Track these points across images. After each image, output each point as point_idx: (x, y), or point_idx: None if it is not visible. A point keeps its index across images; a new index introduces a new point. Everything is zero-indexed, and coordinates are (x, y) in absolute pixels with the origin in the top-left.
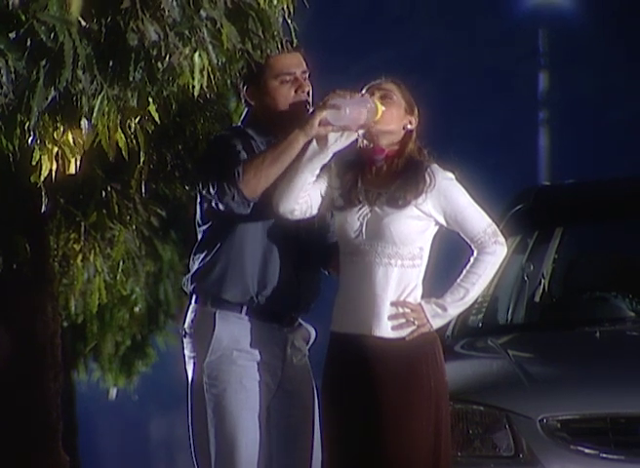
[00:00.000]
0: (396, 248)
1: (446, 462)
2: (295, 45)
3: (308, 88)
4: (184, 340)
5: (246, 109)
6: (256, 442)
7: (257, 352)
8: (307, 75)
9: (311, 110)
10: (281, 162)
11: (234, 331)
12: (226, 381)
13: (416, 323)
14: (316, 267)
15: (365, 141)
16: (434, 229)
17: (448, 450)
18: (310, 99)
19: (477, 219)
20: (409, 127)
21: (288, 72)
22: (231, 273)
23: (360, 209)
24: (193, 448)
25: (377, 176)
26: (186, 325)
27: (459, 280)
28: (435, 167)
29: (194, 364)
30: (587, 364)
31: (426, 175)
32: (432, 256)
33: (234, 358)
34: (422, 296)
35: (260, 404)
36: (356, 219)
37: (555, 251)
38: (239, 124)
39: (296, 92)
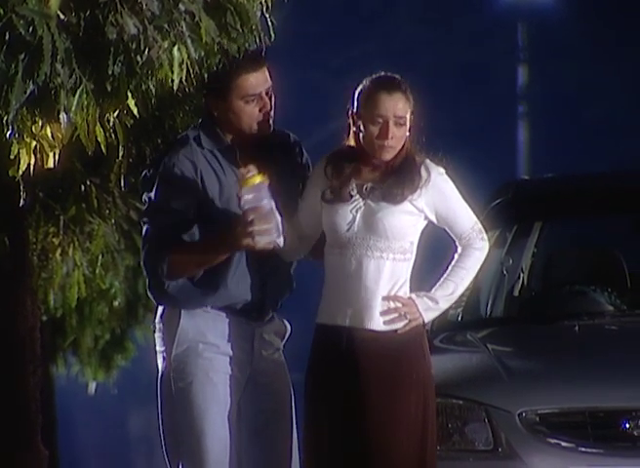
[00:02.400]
0: (388, 242)
1: (432, 454)
2: (259, 57)
3: (271, 106)
4: (155, 335)
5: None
6: (224, 435)
7: (223, 345)
8: (271, 89)
9: (238, 229)
10: (202, 267)
11: (200, 324)
12: (193, 374)
13: (408, 316)
14: (284, 267)
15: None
16: (423, 223)
17: (434, 443)
18: (273, 113)
19: (466, 217)
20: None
21: (254, 93)
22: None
23: (353, 202)
24: (164, 442)
25: (371, 171)
26: (157, 320)
27: (446, 275)
28: (429, 162)
29: (164, 358)
30: (566, 358)
31: (422, 171)
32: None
33: (200, 351)
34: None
35: (229, 397)
36: (349, 212)
37: (534, 245)
38: (199, 124)
39: (260, 110)
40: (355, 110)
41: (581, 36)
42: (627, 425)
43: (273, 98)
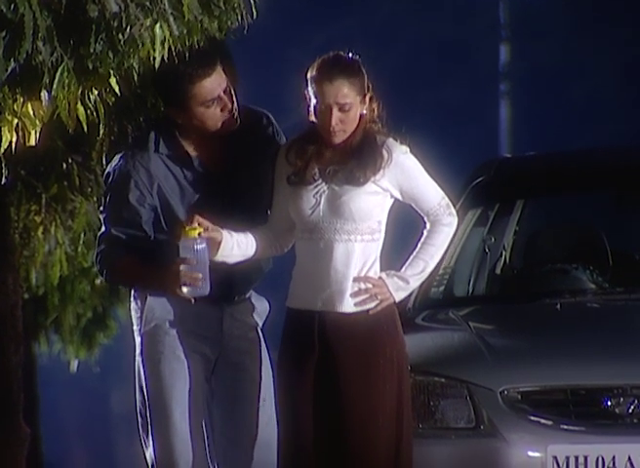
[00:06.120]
0: (355, 224)
1: (408, 433)
2: (210, 59)
3: (232, 101)
4: (131, 315)
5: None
6: (190, 412)
7: (190, 323)
8: (228, 86)
9: (168, 277)
10: (140, 288)
11: (166, 302)
12: (160, 352)
13: (379, 297)
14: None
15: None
16: (390, 202)
17: (410, 422)
18: (236, 107)
19: (432, 193)
20: (361, 112)
21: (212, 98)
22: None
23: (316, 186)
24: (139, 419)
25: (332, 153)
26: (131, 298)
27: (416, 253)
28: (391, 141)
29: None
30: (548, 335)
31: (384, 151)
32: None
33: (167, 328)
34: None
35: (197, 374)
36: (312, 197)
37: (516, 223)
38: (159, 125)
39: (222, 110)
40: (308, 91)
41: (564, 14)
42: (609, 403)
43: (233, 93)
